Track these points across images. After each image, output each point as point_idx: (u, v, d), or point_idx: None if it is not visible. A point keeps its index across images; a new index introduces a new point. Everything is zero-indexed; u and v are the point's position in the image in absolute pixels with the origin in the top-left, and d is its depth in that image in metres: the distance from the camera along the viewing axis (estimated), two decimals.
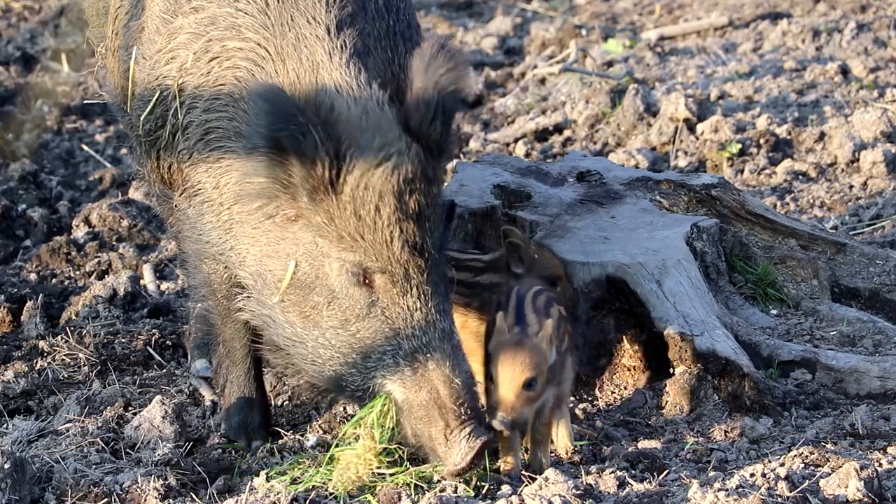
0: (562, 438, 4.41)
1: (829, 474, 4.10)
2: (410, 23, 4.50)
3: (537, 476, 4.07)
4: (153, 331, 5.64)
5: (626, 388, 5.00)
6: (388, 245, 4.04)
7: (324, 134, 4.00)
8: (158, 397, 4.65)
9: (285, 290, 4.19)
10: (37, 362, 5.38)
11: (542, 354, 4.11)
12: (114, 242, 6.84)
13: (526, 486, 4.04)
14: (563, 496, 3.92)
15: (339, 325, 4.14)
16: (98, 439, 4.54)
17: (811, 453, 4.32)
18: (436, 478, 4.18)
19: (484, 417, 4.07)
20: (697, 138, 7.69)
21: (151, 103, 4.53)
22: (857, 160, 7.31)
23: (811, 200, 6.96)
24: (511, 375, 4.05)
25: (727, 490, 3.97)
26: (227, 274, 4.59)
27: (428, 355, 4.05)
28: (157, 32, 4.54)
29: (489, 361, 4.15)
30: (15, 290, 6.15)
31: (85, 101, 8.90)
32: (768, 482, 4.06)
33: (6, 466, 4.14)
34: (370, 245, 4.05)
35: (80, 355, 5.41)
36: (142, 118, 4.58)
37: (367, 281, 4.09)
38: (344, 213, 4.05)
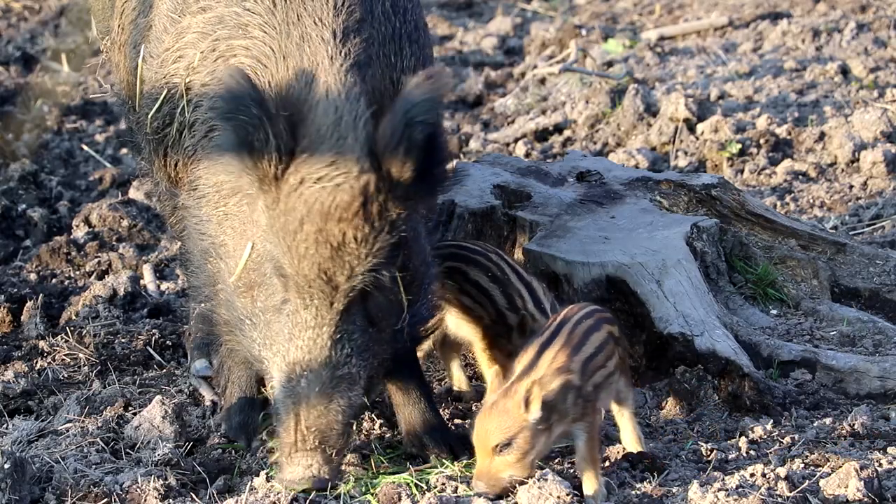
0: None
1: (829, 474, 4.10)
2: (417, 24, 4.47)
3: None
4: (153, 331, 5.64)
5: None
6: (301, 258, 3.99)
7: (280, 129, 3.98)
8: (158, 397, 4.65)
9: (241, 271, 4.22)
10: (37, 362, 5.37)
11: (515, 417, 3.99)
12: (114, 242, 6.84)
13: (526, 486, 4.03)
14: (563, 496, 3.92)
15: (260, 310, 4.20)
16: (98, 439, 4.54)
17: (811, 453, 4.32)
18: (434, 479, 4.19)
19: (330, 459, 4.03)
20: (697, 138, 7.69)
21: (159, 101, 4.54)
22: (857, 160, 7.31)
23: (811, 200, 6.96)
24: (481, 442, 4.02)
25: (727, 490, 3.98)
26: None
27: (304, 373, 4.04)
28: (164, 31, 4.55)
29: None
30: (15, 290, 6.15)
31: (92, 95, 8.90)
32: (768, 482, 4.06)
33: (6, 466, 4.14)
34: (287, 249, 4.01)
35: (80, 355, 5.41)
36: (150, 116, 4.59)
37: (282, 278, 4.09)
38: (278, 208, 4.03)
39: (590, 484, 4.08)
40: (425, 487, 4.14)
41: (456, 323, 4.67)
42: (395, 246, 4.06)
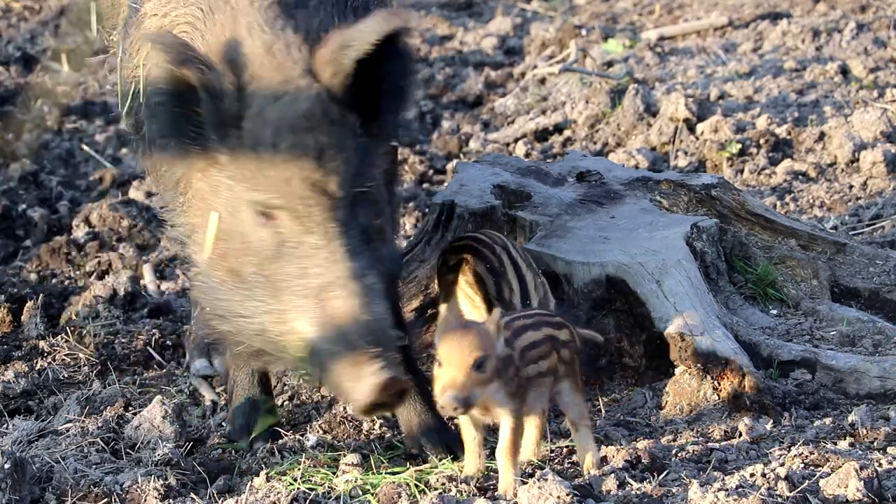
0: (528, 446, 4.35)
1: (829, 474, 4.10)
2: (369, 3, 4.48)
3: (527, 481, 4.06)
4: (153, 331, 5.64)
5: (626, 388, 5.00)
6: (288, 181, 4.04)
7: (225, 68, 4.05)
8: (158, 397, 4.65)
9: (212, 245, 4.20)
10: (37, 362, 5.37)
11: (490, 338, 3.99)
12: (114, 242, 6.84)
13: (526, 486, 4.03)
14: (563, 496, 3.92)
15: (255, 270, 4.14)
16: (98, 439, 4.53)
17: (811, 453, 4.32)
18: (434, 479, 4.19)
19: (395, 359, 4.01)
20: (697, 138, 7.69)
21: (129, 97, 4.55)
22: (857, 160, 7.31)
23: (811, 200, 6.96)
24: (459, 355, 3.94)
25: (727, 490, 3.98)
26: None
27: (334, 293, 4.02)
28: (131, 24, 4.58)
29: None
30: (15, 290, 6.15)
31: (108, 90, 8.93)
32: (768, 482, 4.06)
33: (6, 466, 4.14)
34: (270, 181, 4.05)
35: (80, 355, 5.41)
36: (123, 114, 4.60)
37: (272, 220, 4.09)
38: (245, 150, 4.07)
39: (505, 478, 4.07)
40: (425, 487, 4.14)
41: (461, 314, 4.69)
42: (365, 161, 4.14)
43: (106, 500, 4.17)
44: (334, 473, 4.30)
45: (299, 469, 4.33)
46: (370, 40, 4.05)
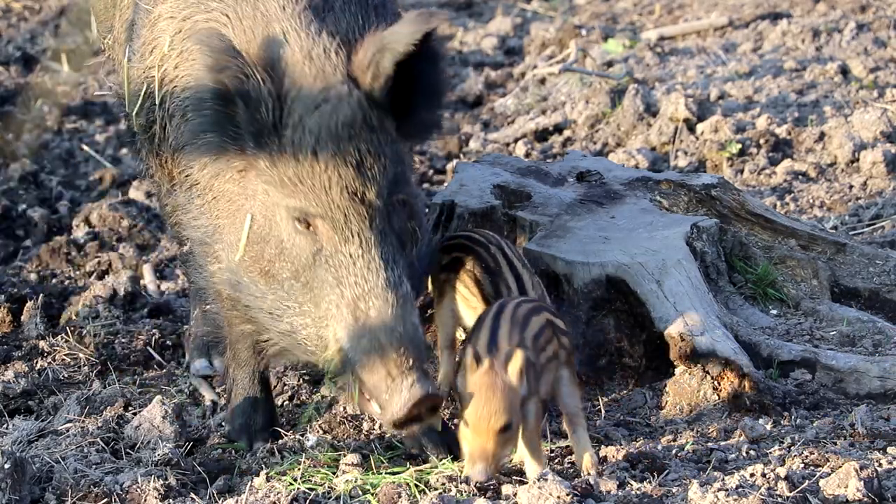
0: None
1: (829, 474, 4.10)
2: (386, 2, 4.50)
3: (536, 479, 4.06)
4: (153, 331, 5.64)
5: (626, 388, 5.00)
6: (327, 190, 4.05)
7: (265, 75, 4.05)
8: (158, 397, 4.65)
9: (245, 246, 4.21)
10: (37, 362, 5.38)
11: (515, 392, 3.99)
12: (114, 242, 6.84)
13: (526, 486, 4.03)
14: (563, 496, 3.92)
15: (291, 275, 4.15)
16: (98, 439, 4.53)
17: (811, 453, 4.32)
18: (434, 479, 4.19)
19: (427, 372, 4.03)
20: (697, 138, 7.69)
21: (140, 97, 4.54)
22: (857, 160, 7.31)
23: (811, 200, 6.96)
24: (487, 425, 3.95)
25: (727, 490, 3.98)
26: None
27: (370, 303, 4.04)
28: (142, 25, 4.57)
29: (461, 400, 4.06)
30: (15, 290, 6.15)
31: (101, 94, 8.92)
32: (768, 482, 4.06)
33: (6, 466, 4.14)
34: (309, 189, 4.06)
35: (80, 355, 5.41)
36: (134, 114, 4.60)
37: (310, 227, 4.10)
38: (284, 156, 4.07)
39: (532, 468, 4.10)
40: (425, 487, 4.14)
41: (456, 312, 4.68)
42: (400, 165, 4.16)
43: (106, 500, 4.17)
44: (334, 473, 4.30)
45: (299, 469, 4.33)
46: (409, 42, 4.06)
